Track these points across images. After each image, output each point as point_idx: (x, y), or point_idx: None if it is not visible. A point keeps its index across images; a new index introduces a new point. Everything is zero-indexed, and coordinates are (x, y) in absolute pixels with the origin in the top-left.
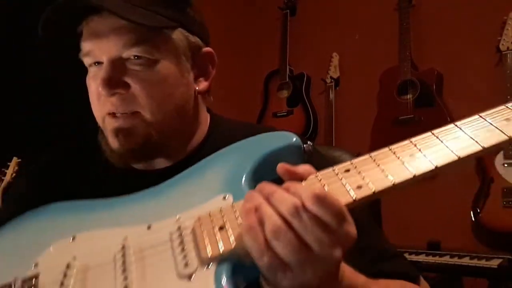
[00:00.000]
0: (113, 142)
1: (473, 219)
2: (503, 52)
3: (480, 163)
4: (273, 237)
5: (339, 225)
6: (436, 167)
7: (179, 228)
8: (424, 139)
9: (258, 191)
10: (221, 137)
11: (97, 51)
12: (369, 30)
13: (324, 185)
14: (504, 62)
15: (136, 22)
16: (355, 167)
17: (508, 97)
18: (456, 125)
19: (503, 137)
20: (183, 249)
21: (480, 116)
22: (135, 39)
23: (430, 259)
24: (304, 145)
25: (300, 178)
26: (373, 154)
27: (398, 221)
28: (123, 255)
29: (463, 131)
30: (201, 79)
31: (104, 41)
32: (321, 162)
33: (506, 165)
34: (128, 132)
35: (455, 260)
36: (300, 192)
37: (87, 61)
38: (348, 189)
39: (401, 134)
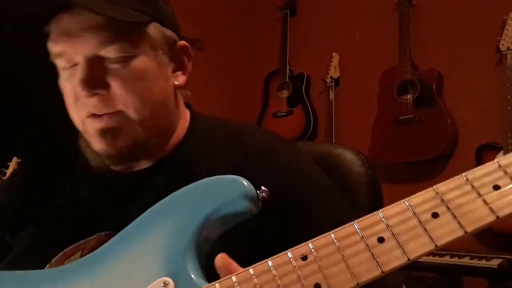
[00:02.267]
0: (99, 144)
1: None
2: (503, 52)
3: (480, 163)
4: None
5: None
6: (408, 259)
7: None
8: (399, 215)
9: None
10: (201, 134)
11: (71, 51)
12: (369, 30)
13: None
14: (504, 62)
15: (113, 18)
16: (316, 254)
17: (508, 97)
18: (436, 192)
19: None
20: None
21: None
22: (111, 36)
23: (430, 259)
24: (258, 192)
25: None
26: (337, 234)
27: None
28: None
29: (447, 207)
30: (178, 73)
31: (79, 40)
32: (296, 184)
33: None
34: (116, 132)
35: (455, 260)
36: None
37: (60, 63)
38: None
39: (401, 134)
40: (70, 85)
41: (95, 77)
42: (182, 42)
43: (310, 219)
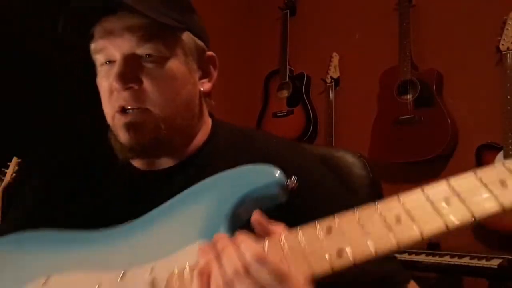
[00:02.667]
0: (124, 137)
1: None
2: (503, 52)
3: (480, 163)
4: None
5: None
6: (422, 236)
7: (153, 281)
8: (413, 199)
9: (211, 246)
10: (222, 140)
11: (111, 48)
12: (369, 30)
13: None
14: (504, 62)
15: (155, 19)
16: (339, 226)
17: (508, 97)
18: (449, 184)
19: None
20: None
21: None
22: (149, 36)
23: (430, 259)
24: (288, 181)
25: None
26: (359, 211)
27: None
28: None
29: (457, 195)
30: (204, 80)
31: (118, 38)
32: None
33: None
34: (138, 126)
35: (455, 260)
36: (246, 253)
37: (99, 59)
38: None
39: (401, 134)
40: (106, 81)
41: (130, 73)
42: (210, 53)
43: (310, 219)
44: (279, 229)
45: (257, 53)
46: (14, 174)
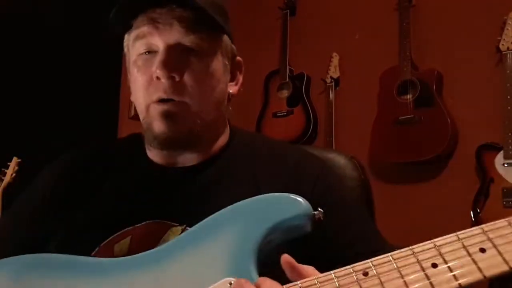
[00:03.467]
0: (159, 126)
1: (473, 219)
2: (503, 52)
3: (480, 163)
4: None
5: None
6: (460, 285)
7: None
8: (450, 245)
9: None
10: (241, 143)
11: (155, 36)
12: (369, 30)
13: None
14: (504, 62)
15: (208, 12)
16: (375, 271)
17: (508, 97)
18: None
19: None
20: None
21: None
22: (197, 28)
23: None
24: (315, 213)
25: (302, 278)
26: (394, 255)
27: (398, 221)
28: None
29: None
30: (232, 83)
31: (166, 27)
32: (327, 191)
33: (506, 165)
34: (176, 117)
35: None
36: None
37: (138, 47)
38: None
39: (401, 134)
40: (144, 71)
41: (175, 62)
42: (239, 58)
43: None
44: (310, 271)
45: (257, 53)
46: (14, 174)
